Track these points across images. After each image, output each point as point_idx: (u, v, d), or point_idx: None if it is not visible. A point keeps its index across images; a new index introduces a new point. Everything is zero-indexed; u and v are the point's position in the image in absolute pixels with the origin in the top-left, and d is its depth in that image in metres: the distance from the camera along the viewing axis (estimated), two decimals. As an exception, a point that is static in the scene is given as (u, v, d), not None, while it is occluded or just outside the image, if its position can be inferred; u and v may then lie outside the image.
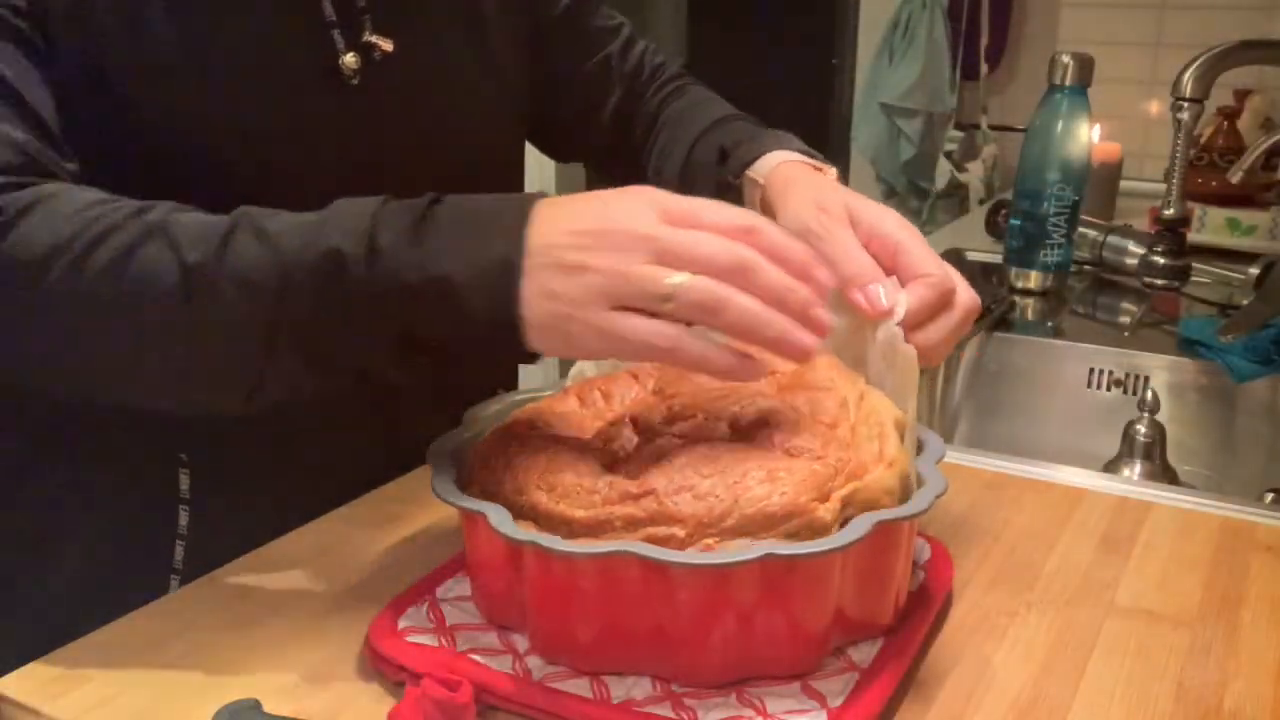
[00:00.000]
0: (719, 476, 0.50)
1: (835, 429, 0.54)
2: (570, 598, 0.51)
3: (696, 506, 0.50)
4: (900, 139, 2.37)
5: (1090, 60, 1.25)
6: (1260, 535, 0.70)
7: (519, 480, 0.53)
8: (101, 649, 0.56)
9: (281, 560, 0.65)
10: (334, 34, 0.71)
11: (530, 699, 0.51)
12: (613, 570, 0.49)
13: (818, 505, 0.50)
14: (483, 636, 0.55)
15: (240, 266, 0.52)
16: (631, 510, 0.50)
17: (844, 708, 0.50)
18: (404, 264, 0.51)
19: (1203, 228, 1.53)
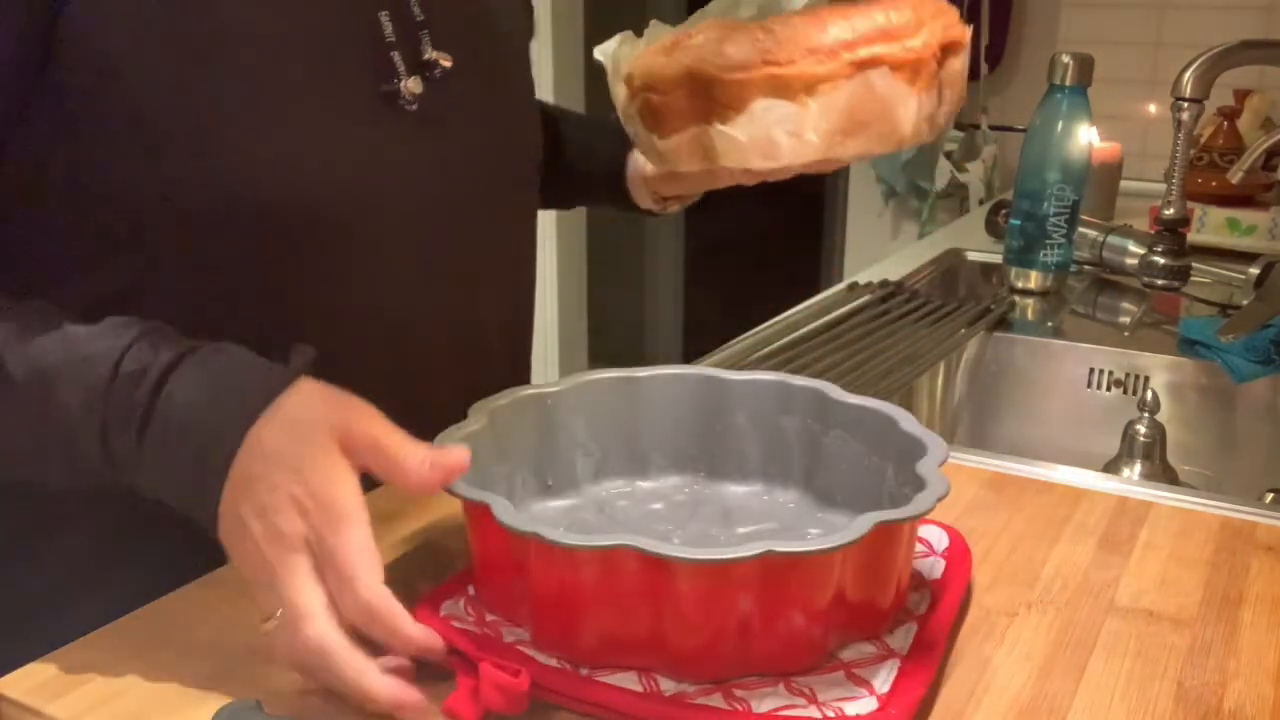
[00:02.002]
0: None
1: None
2: (570, 590, 0.51)
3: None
4: (900, 139, 2.36)
5: (1090, 60, 1.25)
6: (1260, 535, 0.70)
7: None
8: (101, 649, 0.56)
9: (281, 560, 0.65)
10: (394, 55, 0.67)
11: (581, 692, 0.51)
12: (613, 564, 0.49)
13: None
14: (523, 631, 0.55)
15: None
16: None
17: (891, 694, 0.51)
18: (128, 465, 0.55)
19: (1203, 228, 1.53)
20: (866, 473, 0.63)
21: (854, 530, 0.49)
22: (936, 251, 1.49)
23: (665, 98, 0.61)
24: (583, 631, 0.52)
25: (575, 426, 0.67)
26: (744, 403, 0.67)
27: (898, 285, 1.28)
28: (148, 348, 0.55)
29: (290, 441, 0.52)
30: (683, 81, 0.60)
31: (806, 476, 0.67)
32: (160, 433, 0.54)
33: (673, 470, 0.69)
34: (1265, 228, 1.50)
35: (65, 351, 0.55)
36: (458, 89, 0.71)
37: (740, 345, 1.08)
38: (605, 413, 0.67)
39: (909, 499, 0.53)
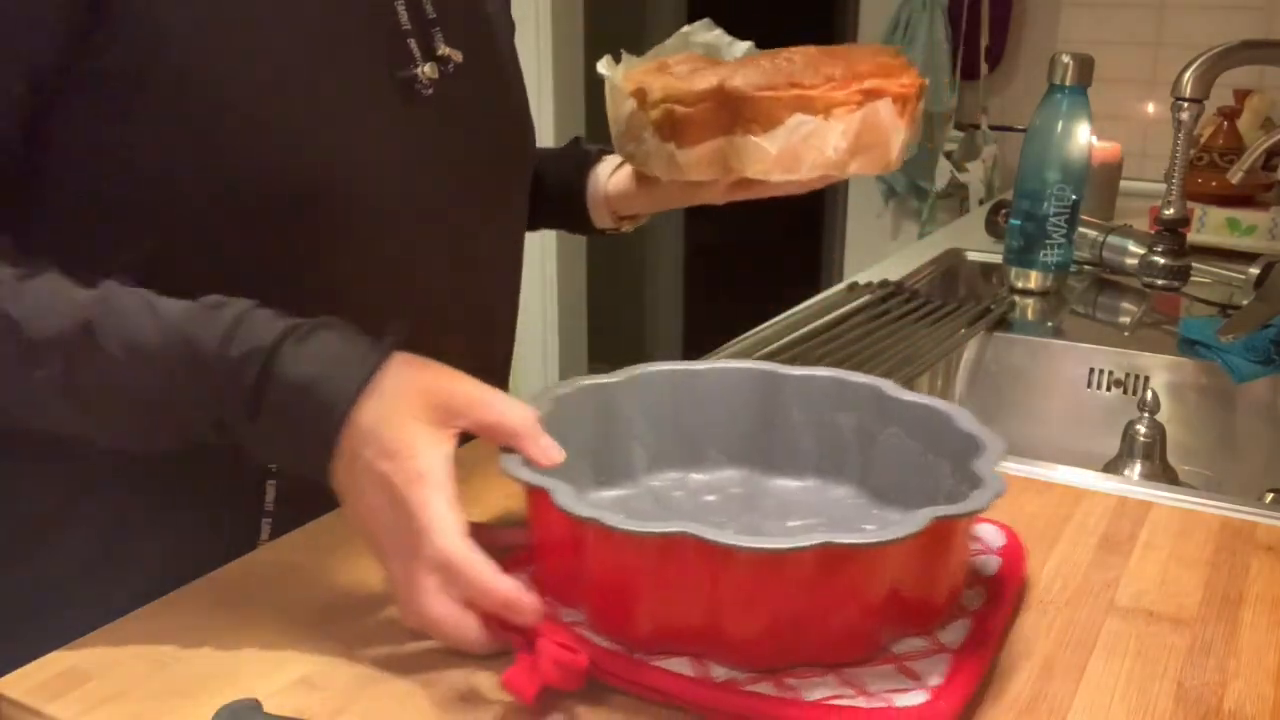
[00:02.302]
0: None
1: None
2: (628, 576, 0.52)
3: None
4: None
5: (1090, 60, 1.25)
6: (1260, 535, 0.70)
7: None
8: (101, 649, 0.56)
9: (282, 560, 0.65)
10: (410, 43, 0.70)
11: (635, 674, 0.51)
12: (671, 551, 0.50)
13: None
14: (578, 613, 0.56)
15: (82, 399, 0.58)
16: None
17: (943, 687, 0.51)
18: (241, 436, 0.58)
19: (1203, 228, 1.53)
20: (922, 470, 0.63)
21: (911, 524, 0.50)
22: (936, 251, 1.49)
23: (691, 110, 0.69)
24: (639, 617, 0.52)
25: (632, 417, 0.68)
26: (800, 398, 0.68)
27: (898, 285, 1.28)
28: (250, 328, 0.57)
29: (386, 419, 0.55)
30: (711, 96, 0.68)
31: (861, 473, 0.67)
32: (271, 417, 0.56)
33: (727, 463, 0.70)
34: (1265, 228, 1.50)
35: (163, 333, 0.57)
36: (467, 83, 0.74)
37: (740, 345, 1.08)
38: (662, 404, 0.68)
39: (965, 496, 0.54)
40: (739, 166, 0.70)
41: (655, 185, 0.84)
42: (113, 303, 0.58)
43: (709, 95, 0.69)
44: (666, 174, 0.73)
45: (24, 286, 0.58)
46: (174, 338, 0.57)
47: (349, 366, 0.56)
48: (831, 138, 0.69)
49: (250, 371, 0.56)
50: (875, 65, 0.71)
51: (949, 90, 2.32)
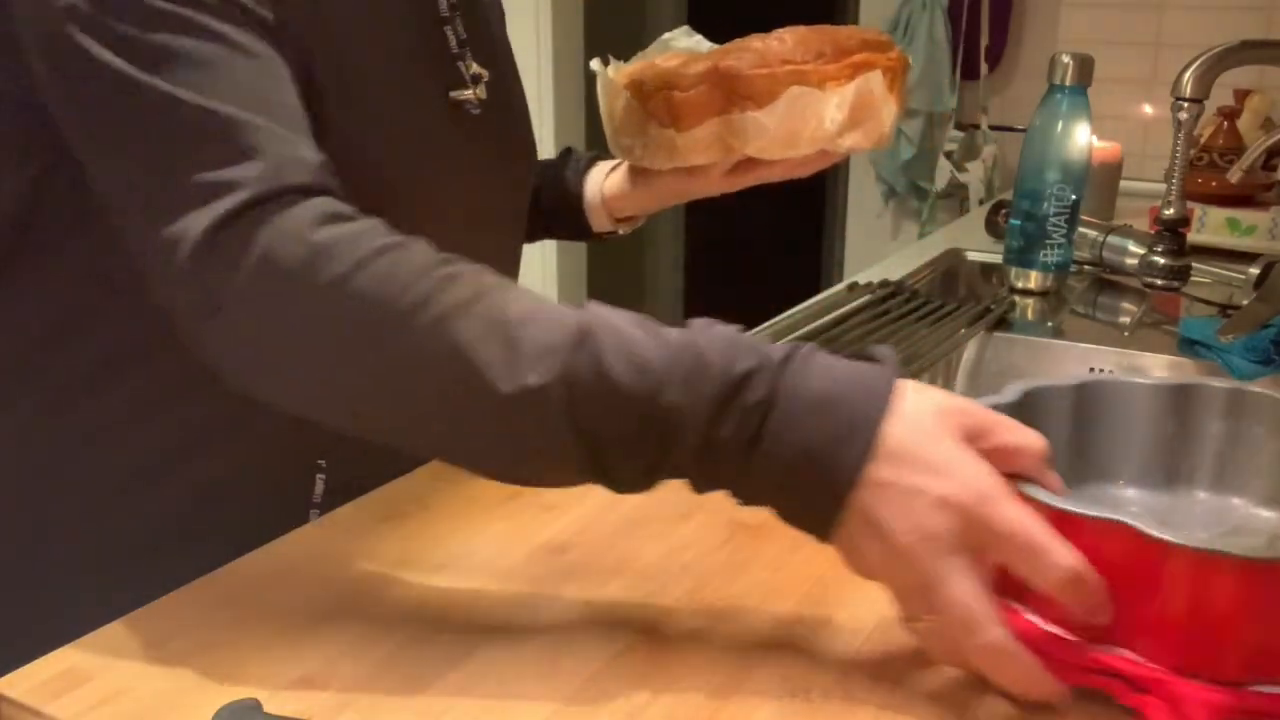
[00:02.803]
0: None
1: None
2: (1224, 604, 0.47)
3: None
4: (900, 139, 2.37)
5: (1090, 60, 1.25)
6: (1260, 535, 0.70)
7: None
8: (101, 649, 0.56)
9: (282, 559, 0.65)
10: (459, 65, 0.73)
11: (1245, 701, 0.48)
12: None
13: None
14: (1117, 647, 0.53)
15: (576, 412, 0.50)
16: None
17: None
18: (733, 463, 0.51)
19: (1203, 228, 1.52)
20: None
21: None
22: (936, 251, 1.49)
23: (688, 94, 0.69)
24: (1229, 645, 0.48)
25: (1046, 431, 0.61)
26: (1208, 409, 0.64)
27: (898, 285, 1.28)
28: (747, 344, 0.52)
29: (920, 441, 0.50)
30: (706, 78, 0.69)
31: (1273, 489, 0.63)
32: (780, 434, 0.50)
33: (1136, 479, 0.65)
34: (1265, 228, 1.50)
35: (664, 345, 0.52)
36: (492, 99, 0.77)
37: (740, 345, 1.08)
38: (1063, 420, 0.64)
39: None
40: (739, 145, 0.71)
41: (652, 181, 0.85)
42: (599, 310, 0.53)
43: (704, 77, 0.70)
44: (668, 162, 0.73)
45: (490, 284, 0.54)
46: (677, 349, 0.51)
47: (867, 384, 0.51)
48: (828, 110, 0.70)
49: (760, 383, 0.50)
50: (861, 41, 0.72)
51: (949, 90, 2.32)
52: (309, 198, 0.54)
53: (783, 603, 0.61)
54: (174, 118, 0.54)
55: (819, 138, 0.70)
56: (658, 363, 0.51)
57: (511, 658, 0.56)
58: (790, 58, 0.69)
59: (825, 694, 0.53)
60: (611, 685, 0.54)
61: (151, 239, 0.53)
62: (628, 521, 0.70)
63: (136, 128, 0.54)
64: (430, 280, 0.52)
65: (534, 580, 0.63)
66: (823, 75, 0.69)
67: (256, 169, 0.53)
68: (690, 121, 0.70)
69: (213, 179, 0.52)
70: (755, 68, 0.69)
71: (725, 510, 0.71)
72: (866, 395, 0.50)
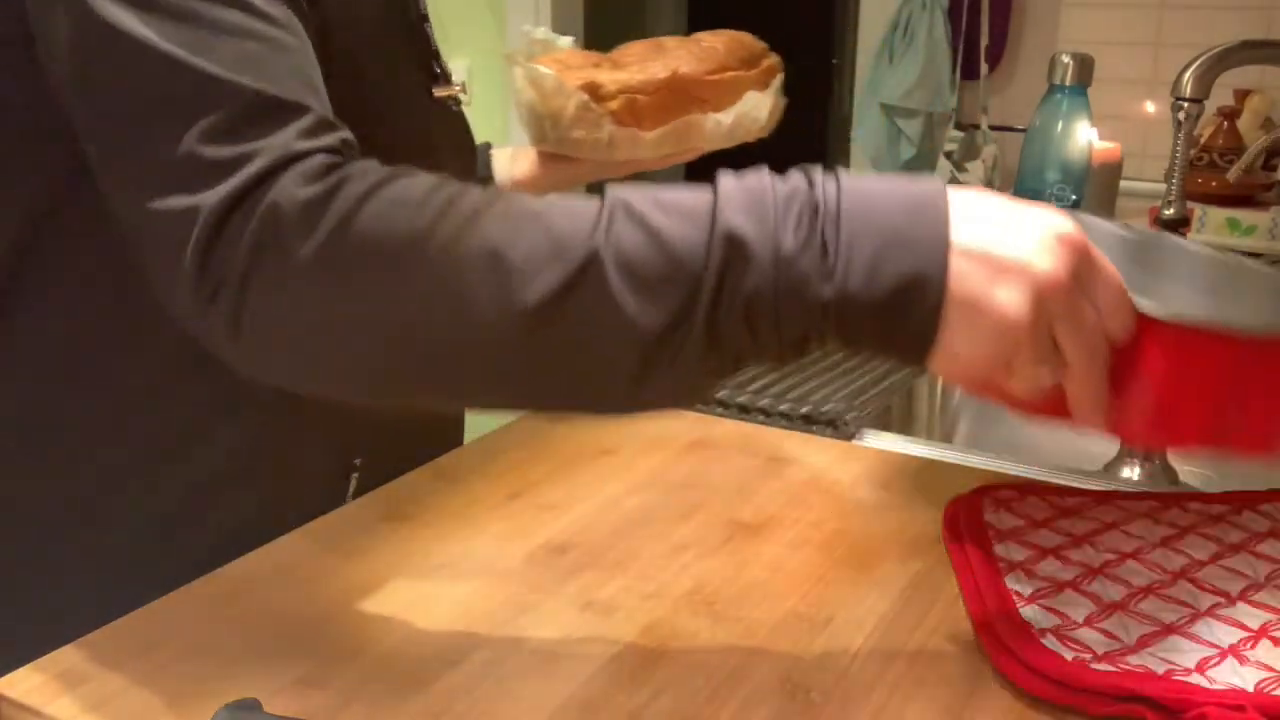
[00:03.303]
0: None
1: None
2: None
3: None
4: (900, 139, 2.37)
5: (1090, 60, 1.25)
6: (1260, 535, 0.70)
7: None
8: (101, 649, 0.56)
9: (281, 559, 0.65)
10: (435, 64, 0.76)
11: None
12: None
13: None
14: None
15: (627, 258, 0.47)
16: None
17: None
18: (813, 275, 0.46)
19: (1203, 228, 1.52)
20: None
21: None
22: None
23: (652, 98, 0.81)
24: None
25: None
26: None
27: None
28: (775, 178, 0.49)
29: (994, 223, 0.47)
30: (665, 85, 0.81)
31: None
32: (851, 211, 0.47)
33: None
34: (1265, 228, 1.50)
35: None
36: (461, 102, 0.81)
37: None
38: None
39: None
40: (699, 142, 0.84)
41: (567, 166, 0.89)
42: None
43: (664, 84, 0.81)
44: (629, 154, 0.82)
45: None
46: (697, 213, 0.48)
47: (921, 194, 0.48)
48: (764, 110, 0.85)
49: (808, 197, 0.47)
50: (758, 48, 0.88)
51: (949, 90, 2.32)
52: (311, 158, 0.50)
53: (783, 603, 0.61)
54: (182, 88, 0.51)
55: (754, 131, 0.85)
56: (692, 201, 0.48)
57: (511, 658, 0.56)
58: (728, 64, 0.84)
59: (825, 694, 0.53)
60: (611, 685, 0.54)
61: (160, 213, 0.50)
62: (628, 521, 0.70)
63: (152, 97, 0.51)
64: (440, 194, 0.49)
65: (534, 580, 0.63)
66: (754, 80, 0.85)
67: (274, 138, 0.50)
68: (653, 122, 0.81)
69: (230, 153, 0.50)
70: (709, 74, 0.83)
71: (725, 510, 0.71)
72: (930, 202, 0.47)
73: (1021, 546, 0.64)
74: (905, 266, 0.46)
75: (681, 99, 0.80)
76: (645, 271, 0.47)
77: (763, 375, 1.00)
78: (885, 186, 0.48)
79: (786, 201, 0.47)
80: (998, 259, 0.46)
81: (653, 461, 0.79)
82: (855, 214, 0.47)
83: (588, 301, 0.47)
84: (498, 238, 0.48)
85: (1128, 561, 0.63)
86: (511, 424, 0.86)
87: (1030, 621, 0.56)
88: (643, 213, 0.48)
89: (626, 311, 0.47)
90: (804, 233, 0.47)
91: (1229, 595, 0.60)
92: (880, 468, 0.79)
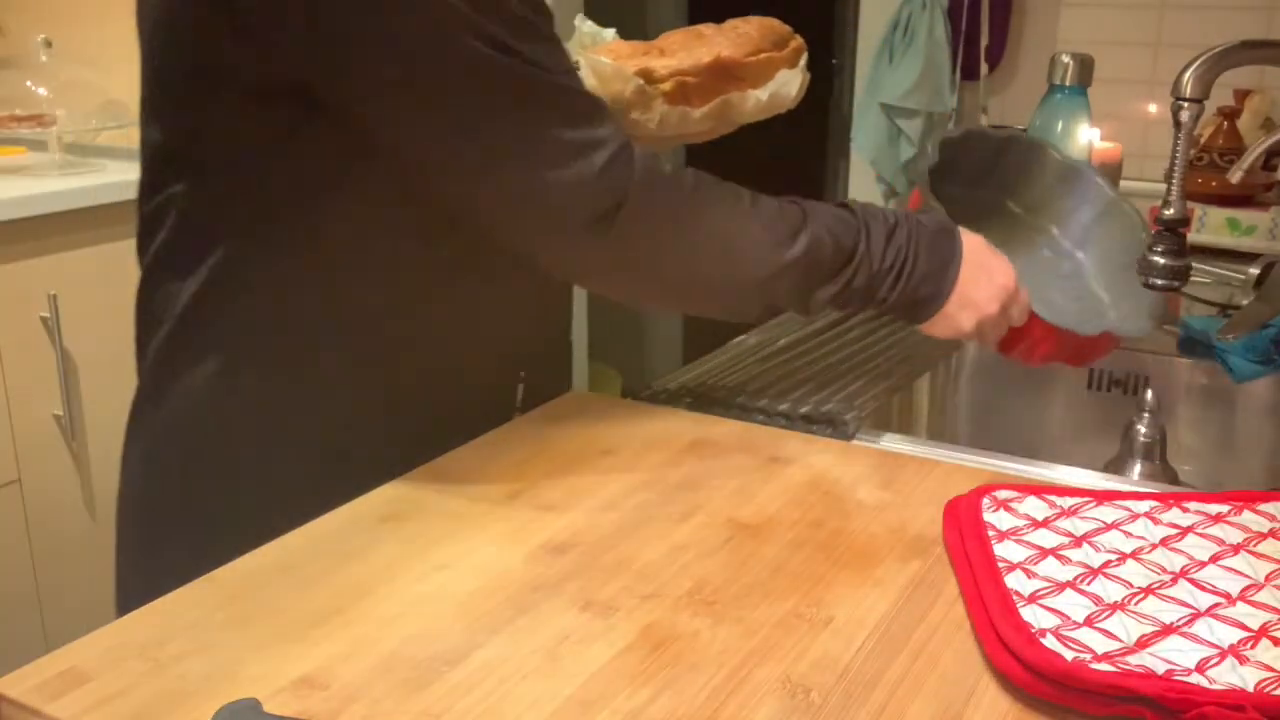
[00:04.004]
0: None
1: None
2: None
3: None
4: (900, 139, 2.37)
5: (1090, 60, 1.25)
6: (1260, 535, 0.70)
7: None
8: (101, 649, 0.56)
9: (281, 559, 0.65)
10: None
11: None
12: None
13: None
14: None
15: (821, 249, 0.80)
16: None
17: None
18: (886, 286, 0.82)
19: (1203, 228, 1.52)
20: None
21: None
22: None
23: (698, 79, 0.91)
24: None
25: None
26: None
27: (898, 285, 1.27)
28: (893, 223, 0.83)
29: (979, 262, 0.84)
30: (710, 68, 0.91)
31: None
32: (910, 269, 0.82)
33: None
34: (1265, 228, 1.50)
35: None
36: None
37: (742, 345, 1.08)
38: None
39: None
40: (738, 117, 0.94)
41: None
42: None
43: (709, 67, 0.91)
44: (678, 130, 0.92)
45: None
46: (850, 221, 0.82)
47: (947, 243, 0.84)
48: (795, 85, 0.95)
49: (901, 235, 0.82)
50: (785, 30, 0.99)
51: (949, 90, 2.32)
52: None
53: (783, 603, 0.61)
54: (543, 91, 0.72)
55: (784, 105, 0.95)
56: (845, 233, 0.81)
57: (511, 658, 0.56)
58: (763, 46, 0.95)
59: (825, 694, 0.53)
60: (611, 685, 0.54)
61: (537, 184, 0.71)
62: (628, 521, 0.70)
63: (510, 101, 0.71)
64: (727, 189, 0.79)
65: (534, 580, 0.63)
66: (786, 59, 0.96)
67: (609, 129, 0.74)
68: (699, 102, 0.91)
69: (586, 135, 0.72)
70: (748, 56, 0.93)
71: (725, 510, 0.71)
72: (950, 250, 0.84)
73: (1021, 546, 0.64)
74: (929, 293, 0.83)
75: (723, 79, 0.92)
76: (826, 257, 0.80)
77: (763, 375, 1.00)
78: (931, 252, 0.83)
79: (893, 241, 0.82)
80: (969, 298, 0.84)
81: (653, 461, 0.79)
82: (920, 261, 0.83)
83: (803, 265, 0.79)
84: (766, 219, 0.79)
85: (1128, 561, 0.63)
86: (512, 424, 0.86)
87: (1030, 621, 0.56)
88: (827, 225, 0.80)
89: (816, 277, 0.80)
90: (894, 263, 0.82)
91: (1229, 595, 0.60)
92: (880, 468, 0.79)
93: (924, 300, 0.82)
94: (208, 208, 0.76)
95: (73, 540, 1.82)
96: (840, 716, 0.52)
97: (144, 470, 0.82)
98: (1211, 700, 0.50)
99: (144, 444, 0.82)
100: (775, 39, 0.96)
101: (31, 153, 2.00)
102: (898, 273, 0.81)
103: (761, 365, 1.02)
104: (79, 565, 1.83)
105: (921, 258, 0.82)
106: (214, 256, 0.76)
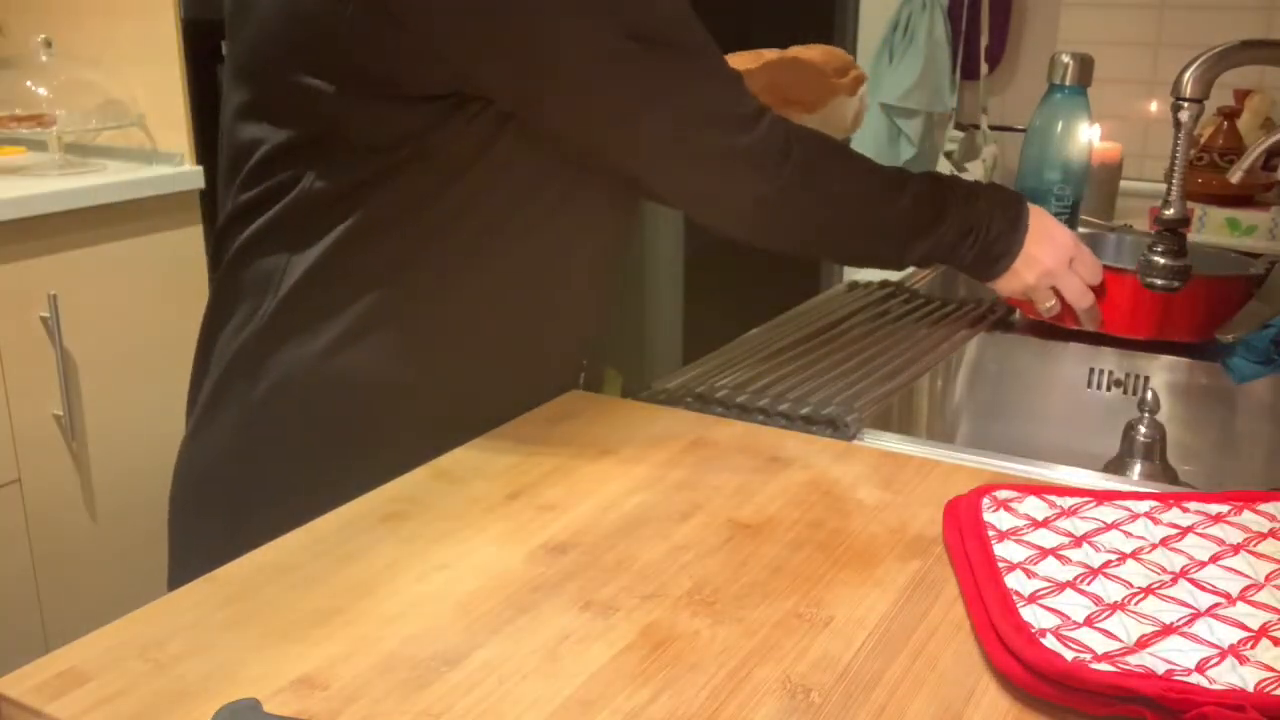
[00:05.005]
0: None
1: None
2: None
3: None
4: (900, 139, 2.37)
5: (1090, 60, 1.25)
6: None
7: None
8: (101, 649, 0.56)
9: (281, 559, 0.65)
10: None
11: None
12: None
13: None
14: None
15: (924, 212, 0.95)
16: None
17: None
18: (967, 246, 0.97)
19: (1203, 228, 1.53)
20: None
21: None
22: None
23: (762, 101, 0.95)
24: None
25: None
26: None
27: (898, 285, 1.28)
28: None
29: (1042, 226, 0.99)
30: (766, 90, 0.97)
31: None
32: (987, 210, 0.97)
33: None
34: (1265, 228, 1.50)
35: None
36: None
37: (741, 347, 1.08)
38: None
39: None
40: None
41: None
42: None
43: (765, 90, 0.96)
44: None
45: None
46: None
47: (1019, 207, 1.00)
48: (850, 111, 1.06)
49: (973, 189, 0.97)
50: (847, 59, 1.08)
51: (949, 90, 2.32)
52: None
53: (783, 603, 0.61)
54: (708, 73, 0.84)
55: (840, 129, 1.04)
56: (938, 192, 0.96)
57: (511, 658, 0.56)
58: (824, 72, 1.04)
59: (825, 694, 0.53)
60: (611, 685, 0.54)
61: (742, 142, 0.84)
62: (628, 521, 0.70)
63: (680, 84, 0.82)
64: (851, 154, 0.94)
65: (534, 580, 0.63)
66: (848, 87, 1.04)
67: (756, 102, 0.86)
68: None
69: (750, 108, 0.85)
70: (807, 80, 1.04)
71: (725, 510, 0.71)
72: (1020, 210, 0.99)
73: (1021, 546, 0.64)
74: (1001, 251, 0.98)
75: (782, 101, 0.99)
76: (925, 210, 0.95)
77: (763, 375, 1.00)
78: (1004, 215, 0.98)
79: (976, 204, 0.97)
80: (1033, 257, 0.99)
81: (653, 461, 0.79)
82: (995, 222, 0.97)
83: (911, 215, 0.94)
84: (877, 169, 0.94)
85: (1128, 561, 0.63)
86: (512, 424, 0.86)
87: (1030, 621, 0.56)
88: (925, 183, 0.95)
89: (916, 228, 0.95)
90: (976, 224, 0.96)
91: (1229, 595, 0.60)
92: (880, 468, 0.79)
93: (996, 257, 0.96)
94: (336, 191, 0.80)
95: (73, 540, 1.82)
96: (840, 716, 0.52)
97: (233, 443, 0.85)
98: (1211, 700, 0.50)
99: (235, 414, 0.85)
100: (837, 66, 1.05)
101: (31, 153, 2.00)
102: (978, 233, 0.94)
103: (761, 365, 1.02)
104: (79, 565, 1.83)
105: (996, 219, 0.95)
106: (335, 234, 0.80)
